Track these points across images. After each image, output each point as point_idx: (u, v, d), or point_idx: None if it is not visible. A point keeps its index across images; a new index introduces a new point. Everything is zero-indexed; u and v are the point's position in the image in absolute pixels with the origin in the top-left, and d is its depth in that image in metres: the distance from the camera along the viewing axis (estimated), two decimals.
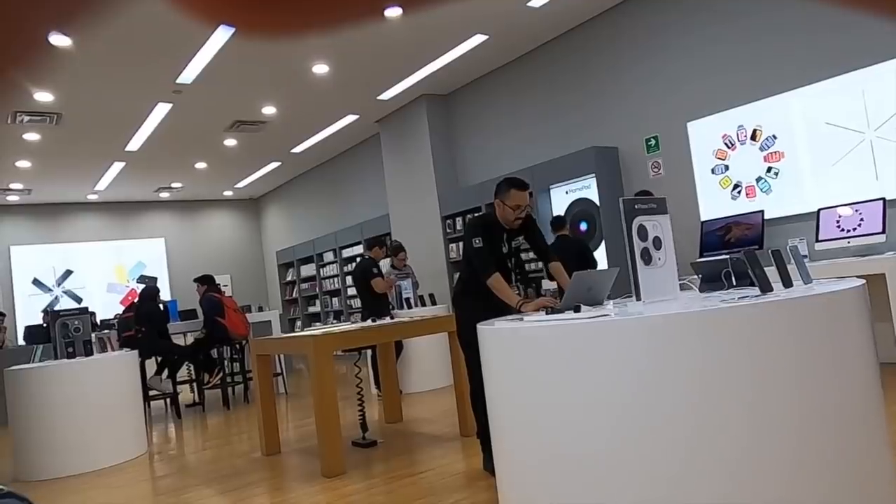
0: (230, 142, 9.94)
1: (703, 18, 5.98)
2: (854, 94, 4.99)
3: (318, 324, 11.76)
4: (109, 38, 5.89)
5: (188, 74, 6.99)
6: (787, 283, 2.10)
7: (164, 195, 13.34)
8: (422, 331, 4.43)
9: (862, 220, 4.69)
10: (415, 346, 6.20)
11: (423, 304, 7.22)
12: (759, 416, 1.75)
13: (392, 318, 5.31)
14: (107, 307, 12.00)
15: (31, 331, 8.52)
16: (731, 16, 5.77)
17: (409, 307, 6.87)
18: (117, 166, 10.37)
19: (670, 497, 1.78)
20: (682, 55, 6.18)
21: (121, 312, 8.38)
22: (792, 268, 2.24)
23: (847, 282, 2.06)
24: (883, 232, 4.54)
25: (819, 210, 4.97)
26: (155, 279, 12.94)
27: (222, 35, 6.12)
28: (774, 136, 5.52)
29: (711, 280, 2.60)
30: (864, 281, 2.06)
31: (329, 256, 11.87)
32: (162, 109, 7.97)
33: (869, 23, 4.87)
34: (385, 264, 6.53)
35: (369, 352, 6.16)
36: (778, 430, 1.75)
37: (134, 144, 9.22)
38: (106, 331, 6.16)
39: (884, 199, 4.63)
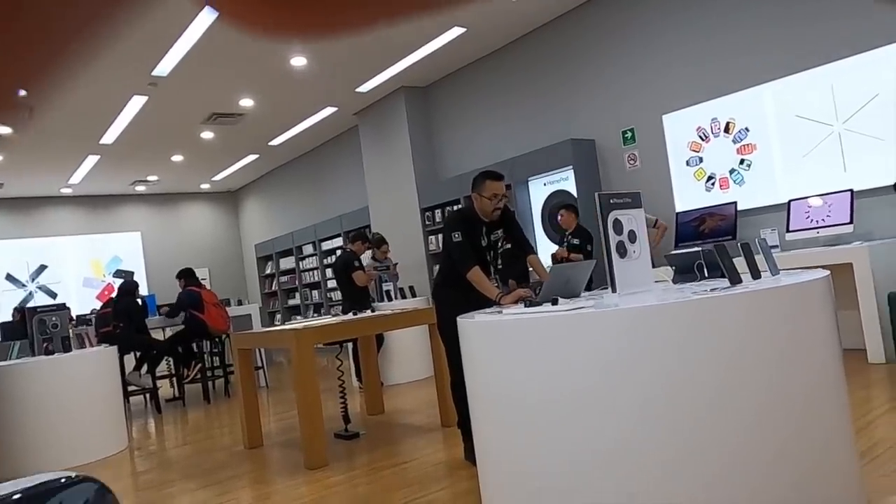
0: (207, 134, 9.86)
1: (678, 13, 6.06)
2: (823, 87, 5.11)
3: (298, 317, 11.74)
4: None
5: (164, 67, 6.92)
6: (756, 274, 2.17)
7: (141, 188, 13.19)
8: (402, 323, 4.48)
9: (830, 211, 4.82)
10: (396, 338, 6.24)
11: (404, 297, 7.26)
12: (729, 402, 1.82)
13: (373, 310, 5.34)
14: (82, 302, 11.85)
15: (4, 328, 8.40)
16: (704, 11, 5.86)
17: (390, 300, 6.91)
18: (92, 159, 10.23)
19: (649, 483, 1.85)
20: (657, 49, 6.27)
21: (98, 308, 8.30)
22: (760, 259, 2.32)
23: (812, 273, 2.14)
24: (850, 222, 4.67)
25: (790, 201, 5.10)
26: (132, 273, 12.78)
27: (199, 26, 6.07)
28: (747, 129, 5.64)
29: (684, 272, 2.68)
30: (828, 272, 2.15)
31: (308, 249, 11.84)
32: (137, 102, 7.88)
33: (837, 18, 4.98)
34: (366, 257, 6.56)
35: (350, 344, 6.19)
36: (747, 414, 1.83)
37: (109, 137, 9.10)
38: (83, 326, 6.11)
39: (851, 191, 4.75)
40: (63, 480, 0.79)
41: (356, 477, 3.48)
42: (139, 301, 7.13)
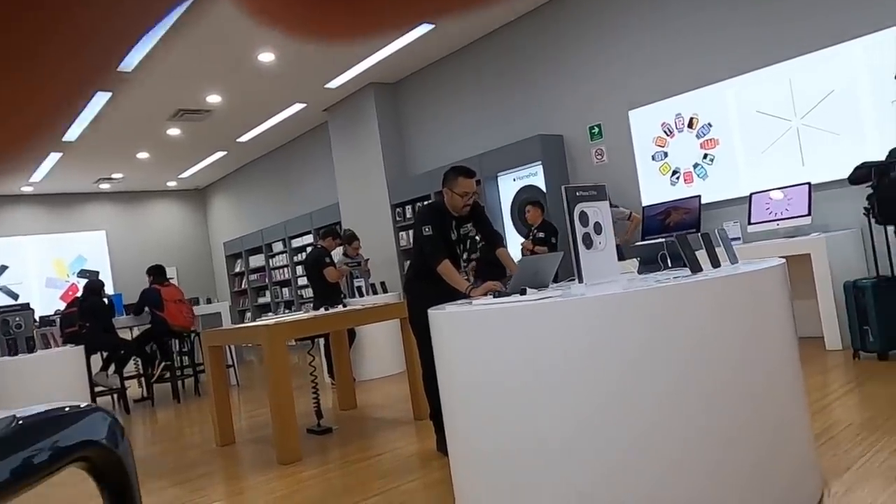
0: (173, 131, 9.72)
1: (644, 12, 6.17)
2: (782, 84, 5.26)
3: (269, 314, 11.65)
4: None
5: (128, 62, 6.81)
6: (716, 263, 2.25)
7: (105, 186, 12.93)
8: (374, 318, 4.50)
9: (790, 203, 4.97)
10: (367, 333, 6.26)
11: (375, 293, 7.27)
12: (690, 385, 1.90)
13: (344, 306, 5.35)
14: (45, 303, 11.59)
15: None
16: (669, 10, 5.98)
17: (361, 296, 6.91)
18: (54, 157, 10.01)
19: (616, 465, 1.91)
20: (623, 46, 6.38)
21: (62, 308, 8.15)
22: (721, 250, 2.40)
23: (768, 261, 2.23)
24: (808, 214, 4.83)
25: (751, 194, 5.24)
26: (97, 273, 12.55)
27: (166, 21, 5.99)
28: (710, 124, 5.77)
29: (649, 262, 2.76)
30: (783, 261, 2.23)
31: (279, 246, 11.75)
32: (101, 98, 7.74)
33: (795, 17, 5.14)
34: (338, 253, 6.56)
35: (322, 340, 6.19)
36: (707, 397, 1.90)
37: (71, 134, 8.91)
38: (47, 327, 6.01)
39: (809, 184, 4.91)
40: (71, 408, 0.82)
41: (329, 470, 3.49)
42: (105, 300, 7.03)
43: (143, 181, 13.00)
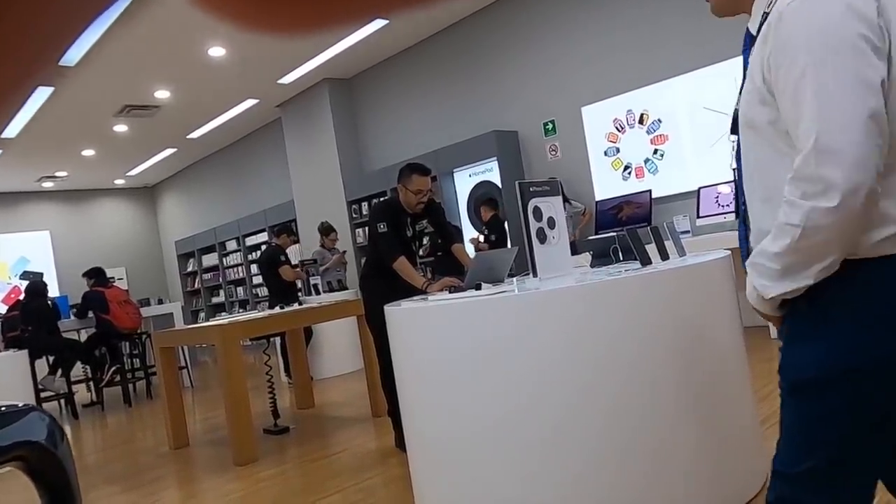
0: (120, 127, 9.43)
1: (596, 8, 6.27)
2: (727, 80, 5.42)
3: (223, 314, 11.44)
4: None
5: (71, 56, 6.58)
6: (665, 256, 2.32)
7: (48, 185, 12.48)
8: (330, 316, 4.47)
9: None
10: (324, 331, 6.21)
11: (332, 290, 7.22)
12: (640, 372, 1.95)
13: (300, 304, 5.30)
14: None
15: None
16: (619, 8, 6.09)
17: (318, 293, 6.85)
18: None
19: (570, 452, 1.95)
20: (576, 43, 6.46)
21: (3, 311, 7.84)
22: (669, 243, 2.47)
23: (715, 254, 2.30)
24: None
25: (699, 188, 5.38)
26: (41, 275, 12.09)
27: (111, 12, 5.81)
28: (660, 120, 5.91)
29: (601, 256, 2.81)
30: (729, 253, 2.31)
31: (232, 245, 11.54)
32: (42, 94, 7.46)
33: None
34: (293, 251, 6.50)
35: (278, 340, 6.12)
36: (656, 385, 1.95)
37: (11, 131, 8.56)
38: None
39: None
40: (7, 408, 0.80)
41: (287, 470, 3.46)
42: (49, 303, 6.80)
43: (88, 179, 12.59)
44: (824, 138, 0.94)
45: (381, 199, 7.84)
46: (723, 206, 5.20)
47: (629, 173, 6.15)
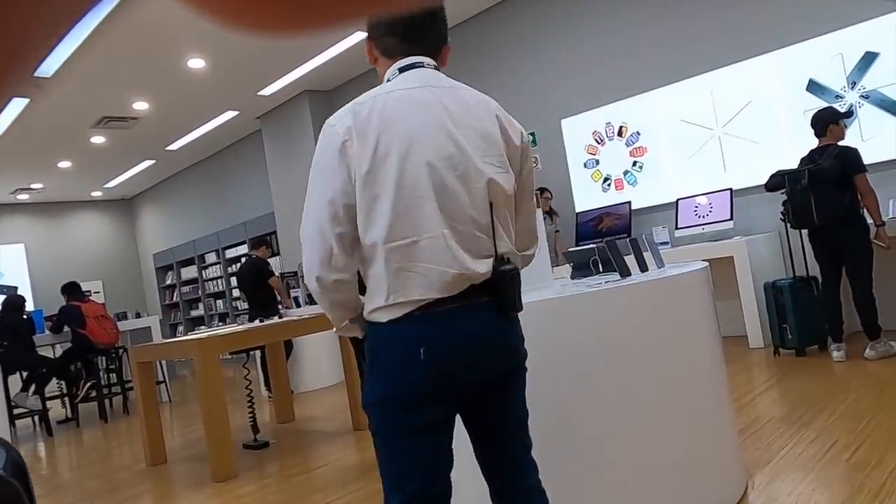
0: (98, 139, 9.33)
1: (575, 24, 6.35)
2: (704, 94, 5.51)
3: (202, 327, 11.31)
4: None
5: (48, 66, 6.50)
6: (644, 267, 2.33)
7: (23, 197, 12.29)
8: (311, 329, 4.43)
9: (713, 208, 5.20)
10: (305, 344, 6.16)
11: (312, 303, 7.17)
12: (619, 385, 1.95)
13: (281, 317, 5.25)
14: None
15: None
16: (599, 23, 6.17)
17: (298, 306, 6.81)
18: None
19: (546, 465, 1.94)
20: (555, 56, 6.53)
21: None
22: (648, 255, 2.49)
23: (693, 265, 2.33)
24: (731, 219, 5.06)
25: (678, 200, 5.45)
26: (15, 289, 11.88)
27: (88, 22, 5.76)
28: (638, 133, 5.98)
29: (581, 268, 2.82)
30: (706, 264, 2.34)
31: (212, 258, 11.45)
32: (17, 105, 7.36)
33: (715, 32, 5.39)
34: (272, 263, 6.45)
35: (258, 353, 6.06)
36: (635, 396, 1.96)
37: None
38: None
39: (731, 189, 5.15)
40: None
41: (267, 486, 3.42)
42: (25, 317, 6.67)
43: (65, 191, 12.42)
44: None
45: None
46: (701, 216, 5.27)
47: (609, 185, 6.21)
